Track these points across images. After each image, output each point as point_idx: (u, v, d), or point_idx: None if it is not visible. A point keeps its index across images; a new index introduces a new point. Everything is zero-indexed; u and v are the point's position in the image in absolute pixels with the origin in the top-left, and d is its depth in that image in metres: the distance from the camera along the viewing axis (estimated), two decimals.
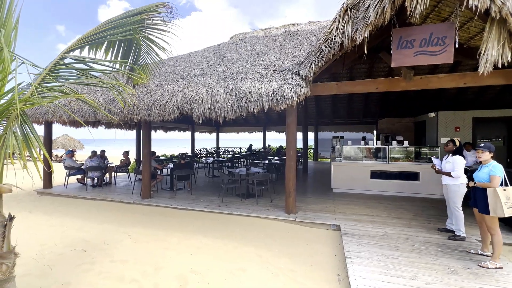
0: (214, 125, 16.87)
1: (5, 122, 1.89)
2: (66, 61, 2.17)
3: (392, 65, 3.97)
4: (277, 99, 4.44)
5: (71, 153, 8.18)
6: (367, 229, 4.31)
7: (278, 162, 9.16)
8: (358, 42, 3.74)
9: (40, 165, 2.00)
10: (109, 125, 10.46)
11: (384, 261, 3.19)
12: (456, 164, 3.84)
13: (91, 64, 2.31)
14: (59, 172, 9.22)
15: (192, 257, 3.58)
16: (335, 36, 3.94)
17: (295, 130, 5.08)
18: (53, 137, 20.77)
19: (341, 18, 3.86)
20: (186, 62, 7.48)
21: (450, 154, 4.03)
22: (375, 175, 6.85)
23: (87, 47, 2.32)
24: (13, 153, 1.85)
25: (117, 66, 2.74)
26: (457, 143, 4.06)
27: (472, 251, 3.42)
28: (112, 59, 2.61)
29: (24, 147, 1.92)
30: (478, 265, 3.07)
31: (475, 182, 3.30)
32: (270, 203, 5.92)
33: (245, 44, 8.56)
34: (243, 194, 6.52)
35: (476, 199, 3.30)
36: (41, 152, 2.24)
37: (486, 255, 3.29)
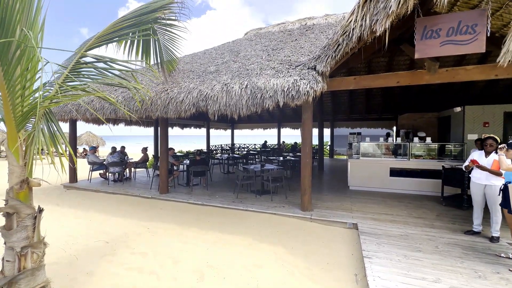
0: (229, 121, 16.99)
1: (33, 120, 1.99)
2: (87, 60, 2.25)
3: (416, 56, 3.76)
4: (292, 95, 4.36)
5: (93, 150, 8.57)
6: (386, 229, 4.17)
7: (293, 158, 9.07)
8: (378, 34, 3.57)
9: (66, 161, 2.09)
10: (128, 122, 10.83)
11: (404, 262, 3.07)
12: (505, 162, 3.51)
13: (110, 64, 2.38)
14: (84, 167, 9.73)
15: (208, 252, 3.64)
16: (353, 28, 3.79)
17: (311, 126, 4.99)
18: (78, 134, 21.93)
19: (360, 9, 3.69)
20: (202, 59, 7.55)
21: (495, 152, 3.66)
22: (395, 172, 6.59)
23: (105, 45, 2.39)
24: (42, 149, 1.95)
25: (137, 62, 2.80)
26: (498, 140, 3.73)
27: (502, 254, 3.20)
28: (132, 55, 2.67)
29: (51, 143, 2.01)
30: (509, 269, 2.87)
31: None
32: (285, 200, 5.88)
33: (259, 39, 8.49)
34: (258, 190, 6.53)
35: (506, 200, 3.08)
36: (67, 148, 2.33)
37: None
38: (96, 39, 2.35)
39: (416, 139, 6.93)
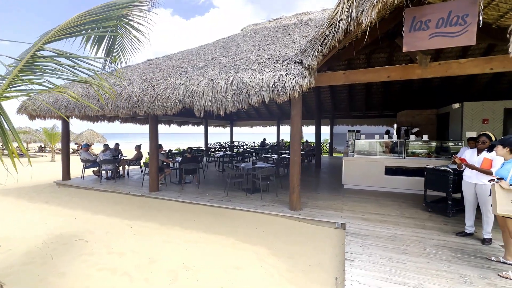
0: (227, 119, 16.88)
1: None
2: (45, 53, 2.14)
3: (404, 49, 3.57)
4: (278, 90, 4.21)
5: (87, 147, 8.55)
6: (374, 229, 4.02)
7: (288, 156, 8.91)
8: (364, 26, 3.39)
9: (26, 159, 1.99)
10: (124, 119, 10.80)
11: (387, 265, 2.93)
12: (498, 160, 3.29)
13: (73, 59, 2.27)
14: (78, 165, 9.73)
15: (188, 252, 3.54)
16: (339, 20, 3.61)
17: (299, 123, 4.83)
18: (79, 132, 21.95)
19: (346, 0, 3.51)
20: (193, 55, 7.42)
21: (486, 150, 3.48)
22: (390, 171, 6.41)
23: (65, 40, 2.27)
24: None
25: (99, 58, 2.69)
26: (493, 138, 3.49)
27: (492, 258, 3.03)
28: (94, 51, 2.56)
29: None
30: (498, 274, 2.71)
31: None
32: (276, 198, 5.76)
33: (254, 35, 8.32)
34: (248, 188, 6.41)
35: None
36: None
37: (510, 264, 2.90)
38: (56, 32, 2.24)
39: (412, 137, 6.73)
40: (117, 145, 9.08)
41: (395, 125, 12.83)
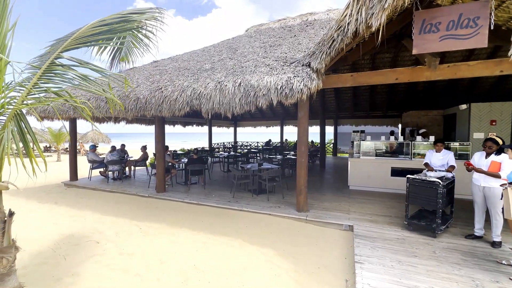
0: (231, 119, 16.91)
1: (3, 120, 1.94)
2: (63, 61, 2.19)
3: (414, 52, 3.57)
4: (286, 92, 4.23)
5: (94, 148, 8.63)
6: (382, 231, 4.02)
7: (293, 157, 8.92)
8: (373, 29, 3.39)
9: (39, 161, 2.04)
10: (130, 120, 10.87)
11: (398, 268, 2.93)
12: (506, 163, 3.28)
13: (96, 68, 2.33)
14: (85, 165, 9.84)
15: (197, 253, 3.58)
16: (348, 23, 3.61)
17: (307, 125, 4.85)
18: (84, 132, 22.10)
19: (355, 3, 3.52)
20: (199, 57, 7.46)
21: (494, 153, 3.45)
22: (396, 172, 6.39)
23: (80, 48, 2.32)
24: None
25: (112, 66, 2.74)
26: (500, 142, 3.43)
27: (503, 261, 3.03)
28: (106, 57, 2.60)
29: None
30: (510, 278, 2.70)
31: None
32: (282, 199, 5.78)
33: (259, 36, 8.33)
34: (254, 189, 6.44)
35: None
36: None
37: None
38: (73, 40, 2.28)
39: (419, 138, 6.70)
40: (123, 145, 9.16)
41: (399, 126, 12.77)
